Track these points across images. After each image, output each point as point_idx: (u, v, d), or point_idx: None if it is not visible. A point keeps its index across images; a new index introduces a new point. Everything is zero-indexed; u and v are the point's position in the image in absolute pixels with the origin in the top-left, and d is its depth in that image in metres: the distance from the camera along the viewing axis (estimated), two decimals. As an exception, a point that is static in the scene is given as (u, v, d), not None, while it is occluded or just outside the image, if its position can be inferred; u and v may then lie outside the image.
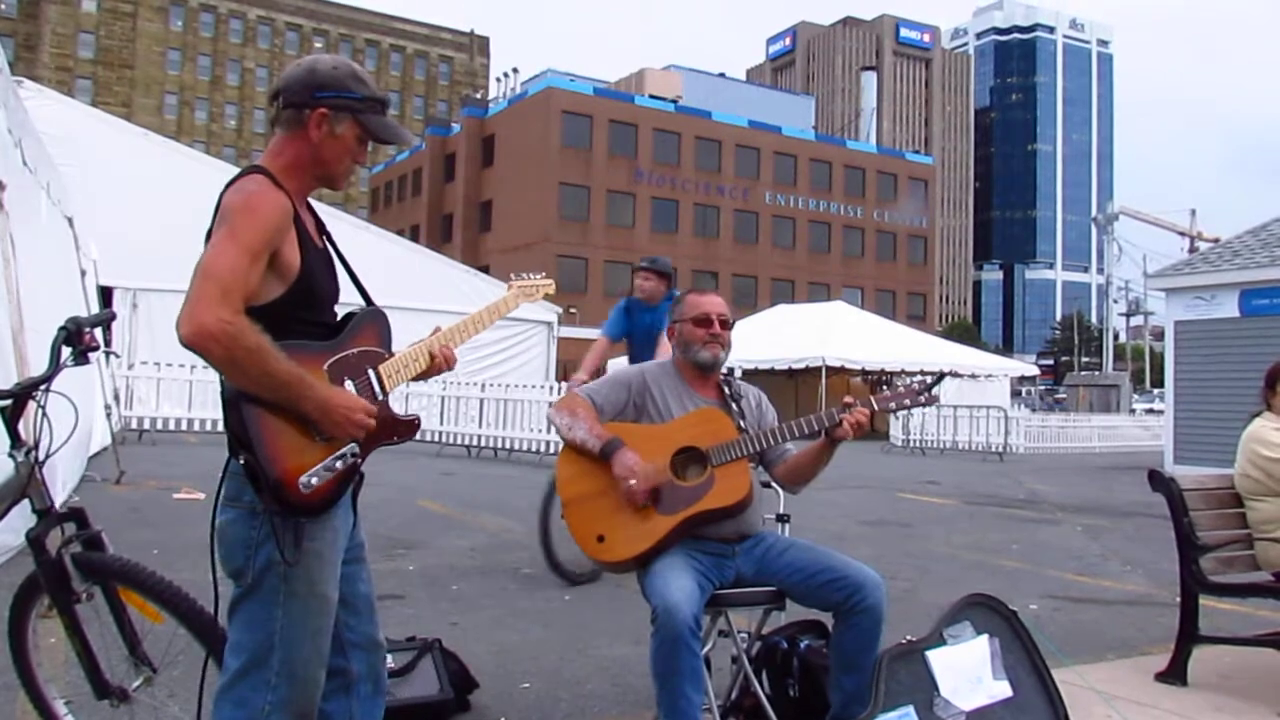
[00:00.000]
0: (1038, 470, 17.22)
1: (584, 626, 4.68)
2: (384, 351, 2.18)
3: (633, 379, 3.14)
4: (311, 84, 2.09)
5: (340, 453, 2.00)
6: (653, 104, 55.86)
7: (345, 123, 2.11)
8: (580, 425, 2.96)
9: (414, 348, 2.33)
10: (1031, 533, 8.89)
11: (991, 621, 2.95)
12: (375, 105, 2.15)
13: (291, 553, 1.97)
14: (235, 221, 1.94)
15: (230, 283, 1.87)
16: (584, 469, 2.93)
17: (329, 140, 2.10)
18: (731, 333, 3.18)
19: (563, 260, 49.91)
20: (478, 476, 12.43)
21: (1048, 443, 23.49)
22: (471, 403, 15.89)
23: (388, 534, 7.00)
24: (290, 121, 2.10)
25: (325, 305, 2.13)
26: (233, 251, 1.90)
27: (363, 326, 2.15)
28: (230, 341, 1.83)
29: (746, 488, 2.90)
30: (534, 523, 5.78)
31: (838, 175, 60.34)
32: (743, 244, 56.33)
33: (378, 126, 2.15)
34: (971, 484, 13.97)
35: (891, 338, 28.35)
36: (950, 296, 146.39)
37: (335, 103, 2.09)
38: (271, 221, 1.98)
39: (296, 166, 2.11)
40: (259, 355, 1.86)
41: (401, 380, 2.21)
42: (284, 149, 2.11)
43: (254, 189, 2.01)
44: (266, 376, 1.88)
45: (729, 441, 2.92)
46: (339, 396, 1.99)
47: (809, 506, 7.86)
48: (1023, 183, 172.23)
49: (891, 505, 10.86)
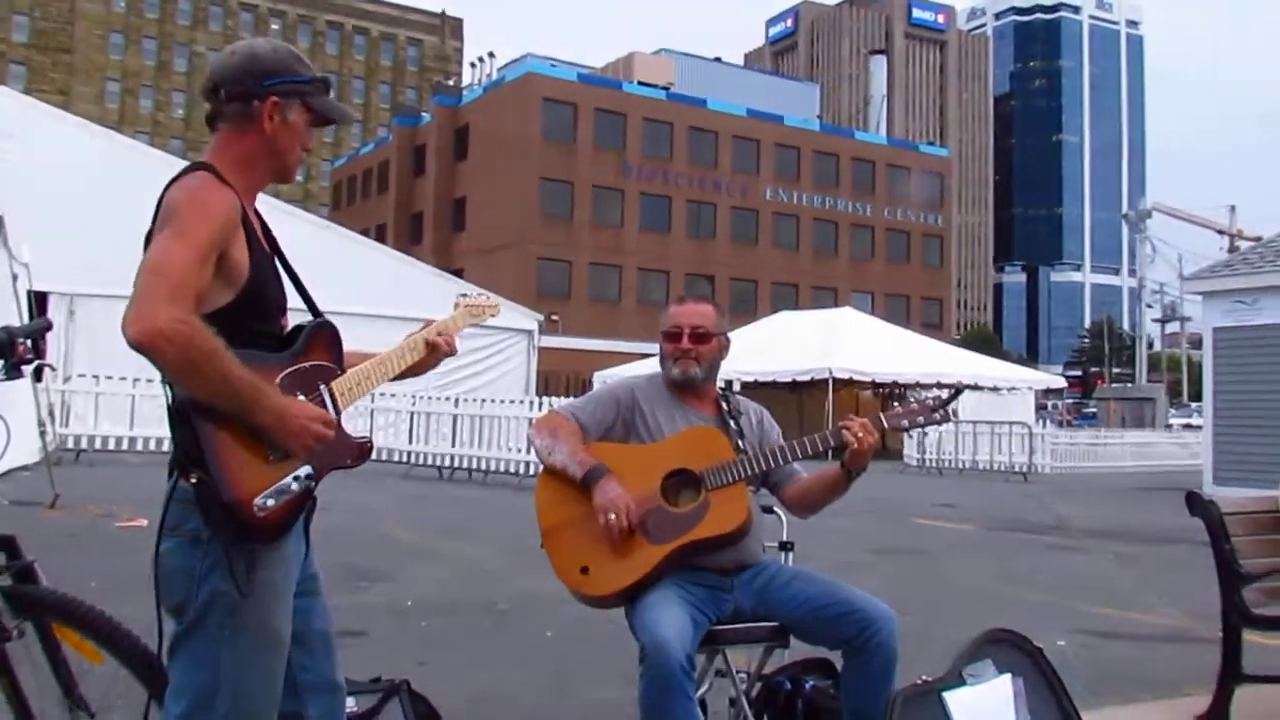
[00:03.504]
0: (1065, 492, 17.24)
1: (566, 667, 4.67)
2: (336, 367, 2.19)
3: (621, 395, 3.15)
4: (256, 72, 2.11)
5: (296, 473, 2.00)
6: (642, 91, 55.97)
7: (295, 108, 2.15)
8: (561, 448, 2.96)
9: (387, 354, 2.34)
10: (1058, 561, 8.90)
11: (1015, 659, 2.95)
12: (320, 85, 2.20)
13: (245, 583, 1.96)
14: (182, 219, 1.95)
15: (181, 280, 1.88)
16: (566, 494, 2.93)
17: (282, 130, 2.13)
18: (715, 344, 3.17)
19: (544, 263, 49.90)
20: (450, 500, 12.37)
21: (1076, 462, 23.54)
22: (443, 419, 15.86)
23: (349, 564, 6.96)
24: (237, 116, 2.11)
25: (275, 314, 2.14)
26: (180, 250, 1.91)
27: (315, 339, 2.16)
28: (185, 342, 1.83)
29: (744, 514, 2.89)
30: (512, 551, 5.77)
31: (845, 169, 60.52)
32: (741, 244, 56.40)
33: (327, 107, 2.20)
34: (993, 508, 13.98)
35: (904, 347, 28.40)
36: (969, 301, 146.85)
37: (284, 89, 2.12)
38: (220, 219, 1.99)
39: (247, 162, 2.13)
40: (216, 358, 1.87)
41: (356, 398, 2.22)
42: (231, 144, 2.12)
43: (199, 185, 2.02)
44: (223, 381, 1.88)
45: (725, 463, 2.92)
46: (296, 405, 2.00)
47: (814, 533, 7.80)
48: (1047, 177, 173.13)
49: (905, 531, 10.86)
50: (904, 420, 2.99)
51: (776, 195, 57.73)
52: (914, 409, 3.00)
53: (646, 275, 52.63)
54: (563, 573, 2.90)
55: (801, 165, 59.05)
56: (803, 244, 58.73)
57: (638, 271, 52.38)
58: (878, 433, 2.91)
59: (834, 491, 3.03)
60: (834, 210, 59.86)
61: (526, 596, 6.05)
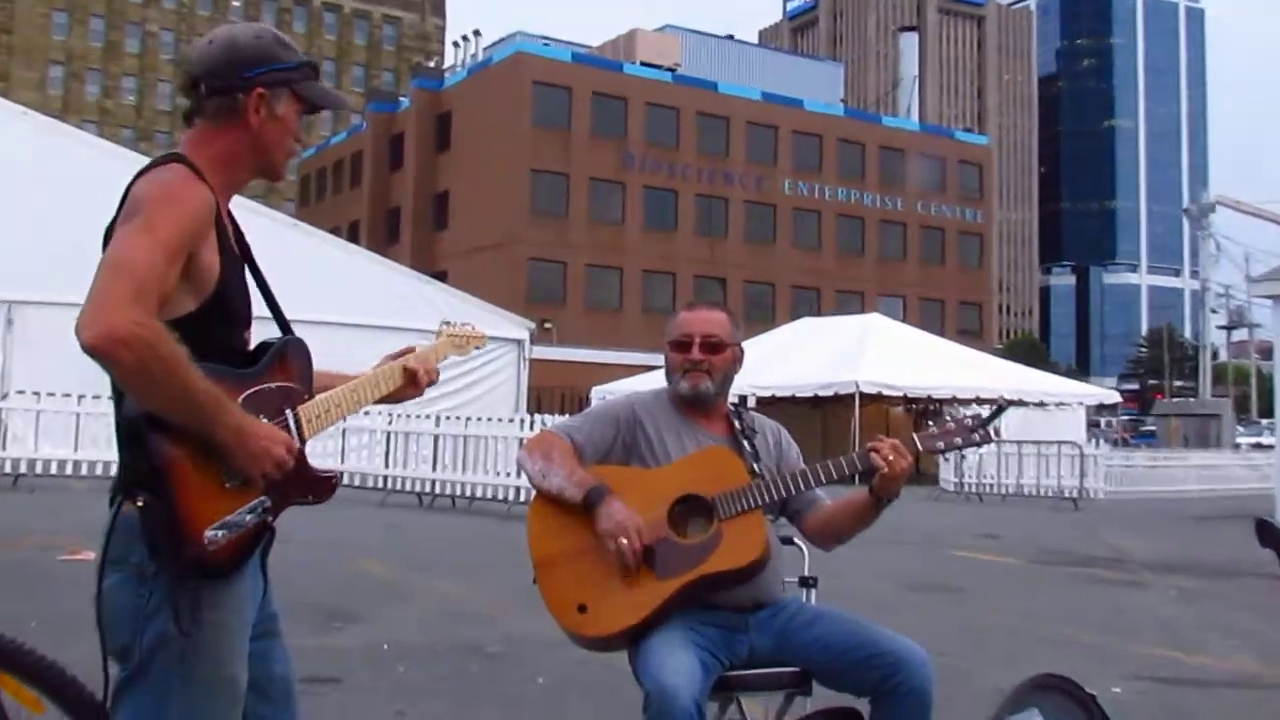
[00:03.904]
0: (1121, 520, 17.20)
1: (561, 717, 4.65)
2: (305, 391, 2.20)
3: (621, 412, 3.15)
4: (238, 62, 2.13)
5: (252, 505, 2.00)
6: (645, 73, 56.18)
7: (283, 99, 2.17)
8: (556, 470, 2.96)
9: (360, 380, 2.35)
10: (1114, 598, 8.88)
11: (1065, 708, 2.95)
12: (309, 71, 2.22)
13: (189, 622, 1.96)
14: (151, 213, 1.95)
15: (146, 280, 1.88)
16: (561, 523, 2.92)
17: (270, 124, 2.15)
18: (729, 355, 3.17)
19: (536, 264, 49.99)
20: (431, 531, 12.36)
21: (1133, 486, 23.47)
22: (424, 439, 15.85)
23: (319, 603, 6.95)
24: (220, 111, 2.13)
25: (240, 326, 2.15)
26: (147, 246, 1.92)
27: (283, 358, 2.16)
28: (144, 348, 1.83)
29: (761, 545, 2.89)
30: (501, 587, 5.77)
31: (872, 159, 60.66)
32: (756, 244, 56.50)
33: (319, 94, 2.23)
34: (1040, 537, 13.96)
35: (939, 358, 28.38)
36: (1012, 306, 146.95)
37: (270, 79, 2.14)
38: (194, 216, 2.00)
39: (229, 160, 2.15)
40: (176, 367, 1.87)
41: (324, 427, 2.23)
42: (211, 140, 2.14)
43: (173, 178, 2.03)
44: (183, 393, 1.89)
45: (739, 488, 2.92)
46: (258, 425, 2.01)
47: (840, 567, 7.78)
48: (1098, 167, 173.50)
49: (942, 564, 10.85)
50: (940, 441, 2.98)
51: (796, 188, 57.86)
52: (951, 428, 3.00)
53: (650, 278, 52.71)
54: (557, 611, 2.90)
55: (824, 155, 59.21)
56: (825, 243, 58.83)
57: (641, 274, 52.46)
58: (911, 455, 2.91)
59: (861, 520, 3.03)
60: (860, 205, 59.97)
61: (517, 638, 6.03)
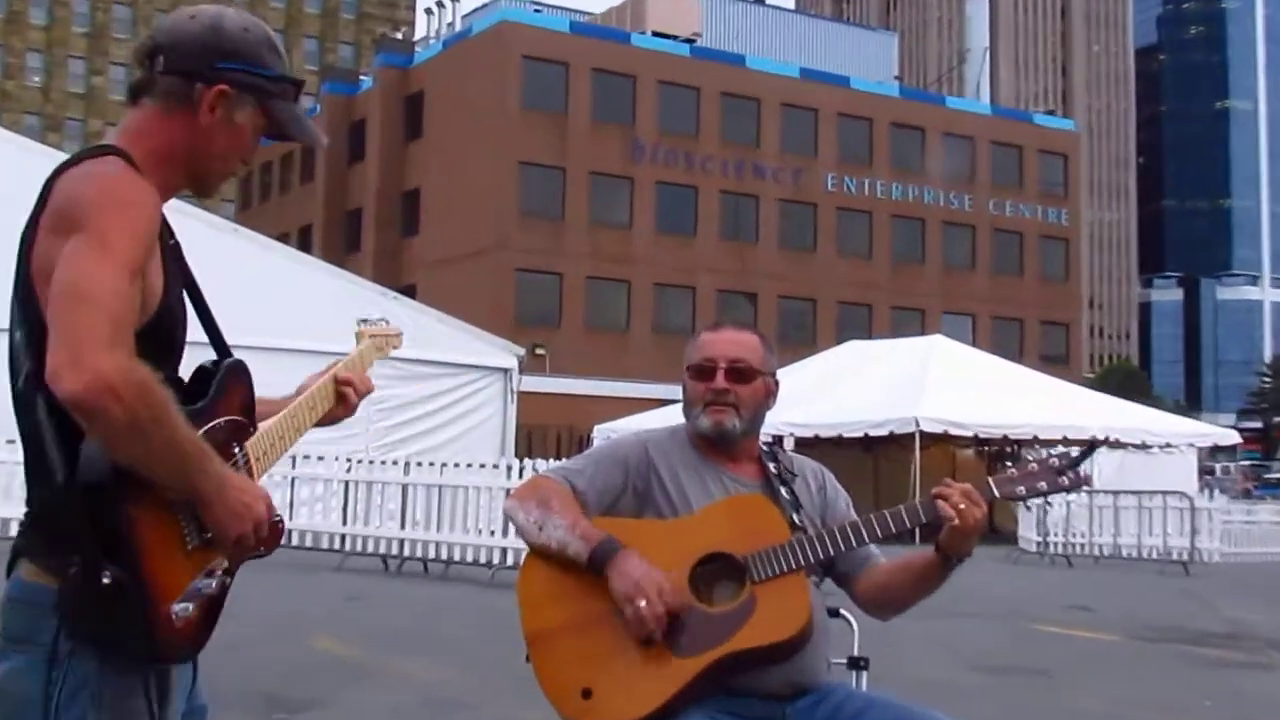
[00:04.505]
0: (1241, 588, 17.13)
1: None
2: (249, 423, 2.22)
3: (631, 453, 3.15)
4: (214, 48, 2.16)
5: (210, 567, 2.03)
6: (658, 45, 56.36)
7: (248, 108, 2.20)
8: (555, 521, 2.95)
9: (295, 406, 2.37)
10: (1233, 682, 8.82)
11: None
12: (289, 89, 2.25)
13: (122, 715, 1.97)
14: (102, 224, 1.96)
15: (119, 312, 1.90)
16: (561, 587, 2.93)
17: (222, 128, 2.18)
18: (760, 386, 3.17)
19: (526, 277, 50.00)
20: (399, 601, 12.34)
21: (1254, 547, 23.35)
22: (390, 491, 15.82)
23: (261, 689, 6.95)
24: (171, 94, 2.15)
25: (178, 355, 2.18)
26: (110, 269, 1.92)
27: (227, 388, 2.18)
28: (134, 396, 1.85)
29: (802, 616, 2.89)
30: (485, 668, 5.77)
31: (934, 148, 60.72)
32: (793, 251, 56.51)
33: (289, 119, 2.26)
34: (1142, 609, 13.90)
35: (1017, 389, 28.30)
36: (1105, 327, 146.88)
37: (241, 79, 2.17)
38: (147, 226, 2.02)
39: (167, 156, 2.16)
40: (166, 415, 1.89)
41: (271, 464, 2.26)
42: (153, 129, 2.16)
43: (120, 178, 2.04)
44: (168, 446, 1.91)
45: (776, 545, 2.92)
46: (235, 476, 2.04)
47: (896, 643, 7.71)
48: (1209, 157, 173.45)
49: (1021, 641, 10.79)
50: (1020, 486, 2.98)
51: (841, 184, 57.90)
52: (1032, 472, 3.00)
53: (664, 293, 52.73)
54: (556, 697, 2.89)
55: (874, 143, 59.24)
56: (877, 249, 58.79)
57: (652, 288, 52.46)
58: (984, 505, 2.90)
59: (925, 585, 3.03)
60: (919, 203, 59.95)
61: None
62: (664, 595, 2.79)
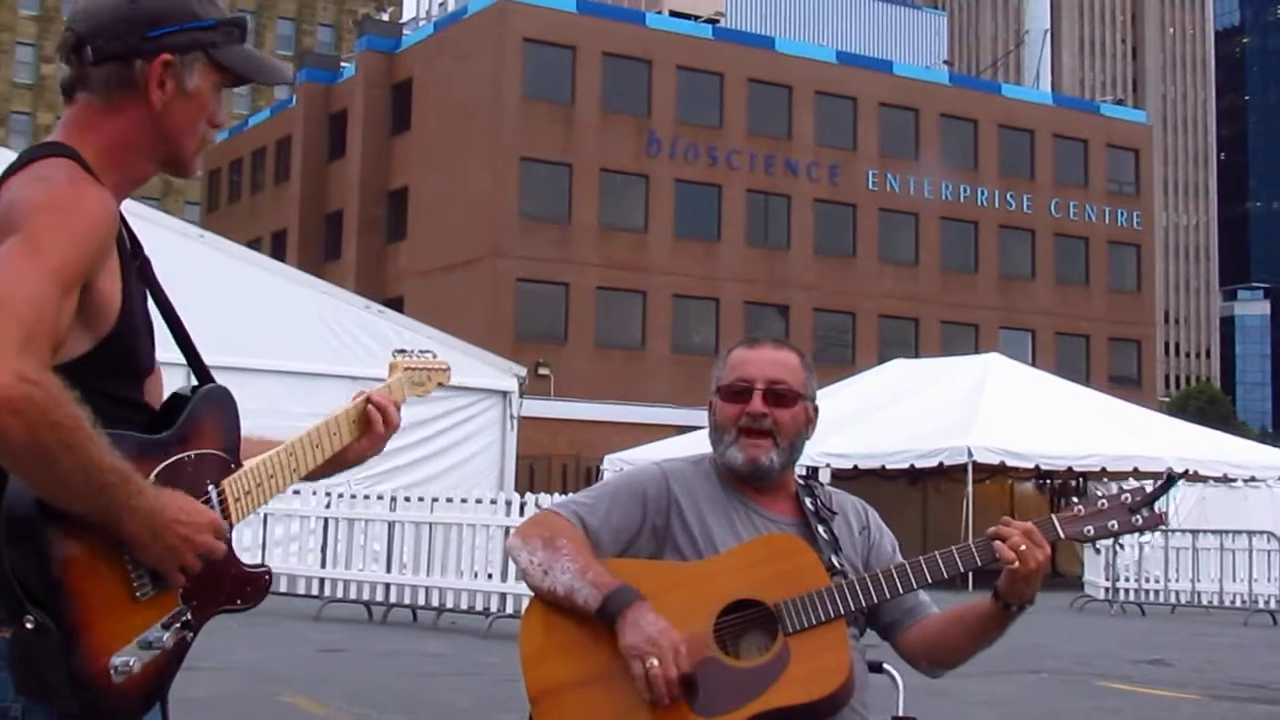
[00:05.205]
0: (1338, 639, 17.05)
1: None
2: (230, 460, 2.22)
3: (650, 486, 3.15)
4: (138, 18, 2.16)
5: (168, 617, 2.03)
6: (677, 26, 56.60)
7: (197, 69, 2.21)
8: (563, 564, 2.95)
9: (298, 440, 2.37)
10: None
11: None
12: (233, 31, 2.26)
13: None
14: (36, 228, 1.98)
15: (36, 322, 1.90)
16: (569, 637, 2.93)
17: (179, 102, 2.19)
18: (801, 412, 3.17)
19: (527, 288, 50.07)
20: (382, 655, 12.34)
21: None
22: (375, 529, 15.87)
23: (234, 753, 6.97)
24: (112, 83, 2.17)
25: (142, 375, 2.18)
26: (35, 274, 1.93)
27: (201, 417, 2.19)
28: (38, 413, 1.84)
29: (842, 672, 2.88)
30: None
31: (988, 142, 60.78)
32: (830, 258, 56.55)
33: (245, 62, 2.27)
34: (1224, 664, 13.86)
35: (1084, 415, 28.31)
36: (1183, 343, 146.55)
37: (180, 40, 2.18)
38: (93, 231, 2.03)
39: (125, 149, 2.18)
40: (77, 437, 1.88)
41: (256, 506, 2.25)
42: (100, 123, 2.18)
43: (66, 180, 2.05)
44: (83, 473, 1.89)
45: (813, 591, 2.91)
46: (174, 505, 2.02)
47: (946, 702, 7.68)
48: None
49: (1088, 700, 10.75)
50: (1088, 525, 2.97)
51: (884, 182, 57.94)
52: (1101, 509, 2.99)
53: (684, 306, 52.78)
54: (563, 764, 2.90)
55: (921, 136, 59.31)
56: (925, 256, 58.79)
57: (671, 300, 52.49)
58: (1047, 546, 2.90)
59: (982, 636, 3.03)
60: (972, 204, 59.97)
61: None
62: (679, 658, 2.78)
